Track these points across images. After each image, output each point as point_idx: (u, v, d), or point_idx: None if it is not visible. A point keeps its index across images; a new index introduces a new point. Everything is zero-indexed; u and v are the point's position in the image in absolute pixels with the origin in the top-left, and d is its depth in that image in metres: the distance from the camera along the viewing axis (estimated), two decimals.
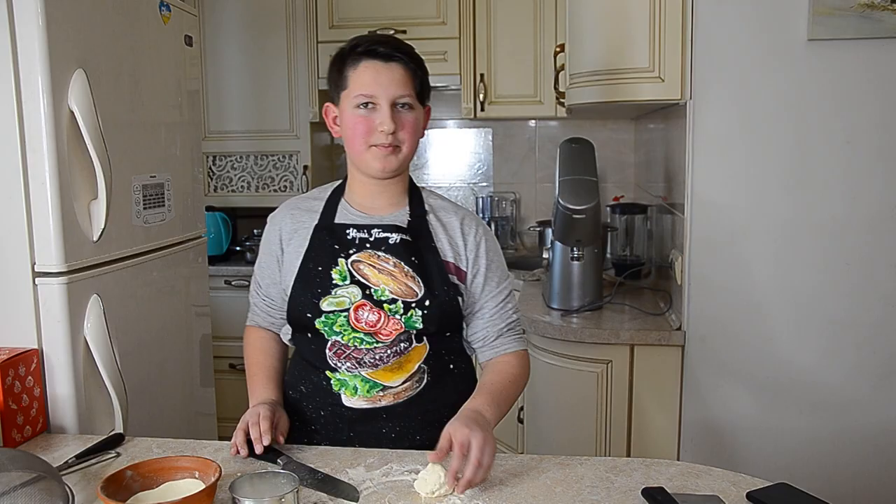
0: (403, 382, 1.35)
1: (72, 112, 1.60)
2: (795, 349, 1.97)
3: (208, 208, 3.05)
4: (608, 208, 2.96)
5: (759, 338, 1.98)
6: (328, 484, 1.19)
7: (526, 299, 2.51)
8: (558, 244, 2.34)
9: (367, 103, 1.31)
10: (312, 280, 1.34)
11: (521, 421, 2.50)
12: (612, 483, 1.21)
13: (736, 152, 1.96)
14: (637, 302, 2.38)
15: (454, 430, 1.17)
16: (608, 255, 2.91)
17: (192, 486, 1.14)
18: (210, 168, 3.56)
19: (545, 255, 2.45)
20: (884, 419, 1.94)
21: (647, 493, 1.15)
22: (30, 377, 1.50)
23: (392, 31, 3.28)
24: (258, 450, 1.26)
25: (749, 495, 1.15)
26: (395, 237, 1.36)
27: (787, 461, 1.99)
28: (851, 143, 1.89)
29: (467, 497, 1.16)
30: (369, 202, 1.40)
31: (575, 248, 2.31)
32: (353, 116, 1.32)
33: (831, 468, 1.97)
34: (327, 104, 1.40)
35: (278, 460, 1.27)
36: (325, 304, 1.33)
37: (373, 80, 1.30)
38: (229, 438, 1.36)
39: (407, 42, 1.37)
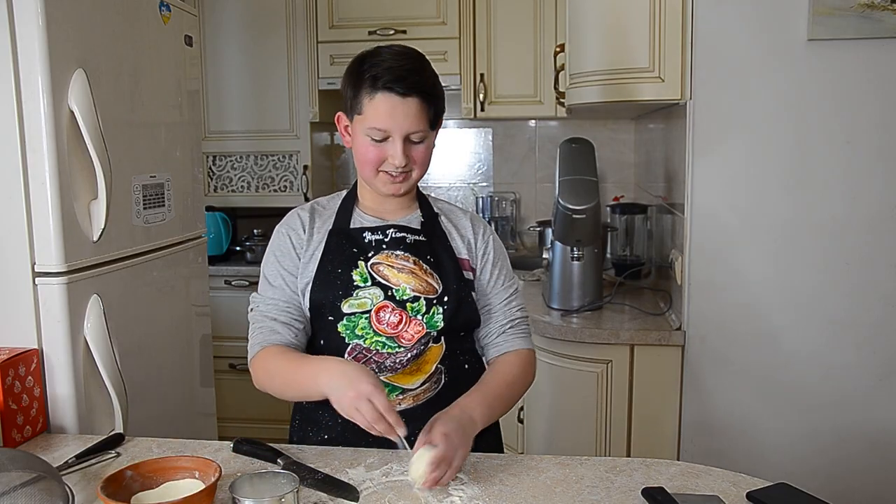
0: (422, 384, 1.34)
1: (72, 112, 1.60)
2: (795, 349, 1.97)
3: (208, 208, 3.05)
4: (608, 208, 2.96)
5: (759, 338, 1.98)
6: (328, 484, 1.18)
7: (526, 299, 2.48)
8: (558, 244, 2.34)
9: (380, 136, 1.30)
10: (332, 283, 1.33)
11: (521, 421, 2.50)
12: (611, 483, 1.21)
13: (736, 152, 1.96)
14: (637, 302, 2.38)
15: (437, 427, 1.17)
16: (608, 255, 2.91)
17: (192, 486, 1.14)
18: (210, 168, 3.56)
19: (545, 255, 2.45)
20: (884, 419, 1.94)
21: (647, 493, 1.15)
22: (30, 377, 1.50)
23: (392, 32, 3.28)
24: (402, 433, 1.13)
25: (749, 495, 1.15)
26: (410, 237, 1.38)
27: (787, 461, 1.99)
28: (851, 143, 1.89)
29: (467, 497, 1.16)
30: (381, 208, 1.42)
31: (575, 248, 2.31)
32: (366, 143, 1.31)
33: (831, 468, 1.97)
34: (340, 113, 1.39)
35: (278, 460, 1.27)
36: (346, 307, 1.32)
37: (388, 114, 1.28)
38: (229, 438, 1.37)
39: (415, 50, 1.34)
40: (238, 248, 3.54)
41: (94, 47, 1.70)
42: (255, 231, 3.48)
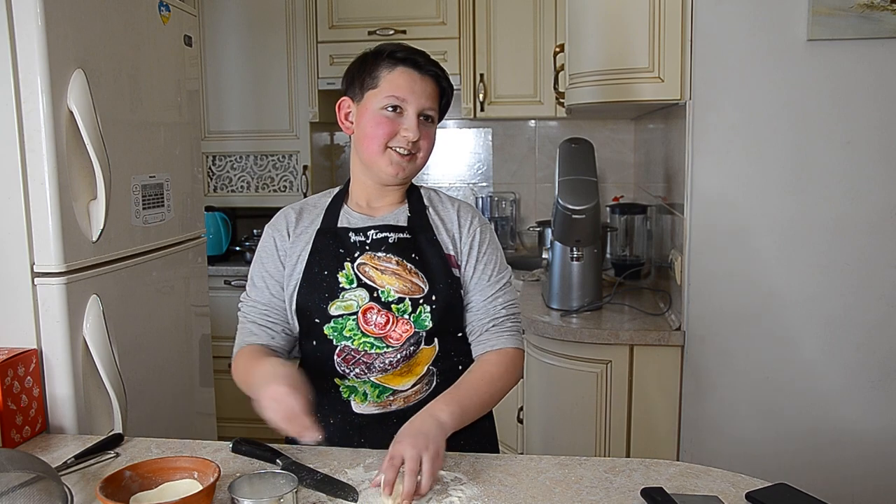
0: (413, 385, 1.34)
1: (71, 112, 1.60)
2: (795, 349, 1.97)
3: (208, 208, 3.05)
4: (608, 208, 2.96)
5: (758, 338, 1.98)
6: (327, 484, 1.18)
7: (525, 299, 2.51)
8: (558, 244, 2.34)
9: (395, 107, 1.31)
10: (319, 284, 1.33)
11: (520, 421, 2.50)
12: (611, 483, 1.21)
13: (736, 152, 1.96)
14: (637, 302, 2.38)
15: (395, 446, 1.14)
16: (608, 256, 2.91)
17: (191, 486, 1.14)
18: (210, 168, 3.56)
19: (545, 256, 2.45)
20: (883, 419, 1.94)
21: (646, 493, 1.15)
22: (29, 377, 1.50)
23: (392, 32, 3.29)
24: (311, 439, 1.13)
25: (748, 496, 1.15)
26: (393, 236, 1.36)
27: (787, 461, 1.99)
28: (851, 143, 1.89)
29: (466, 497, 1.16)
30: (370, 204, 1.41)
31: (574, 249, 2.31)
32: (378, 116, 1.32)
33: (831, 468, 1.97)
34: (343, 98, 1.39)
35: (277, 460, 1.26)
36: (333, 309, 1.32)
37: (407, 85, 1.32)
38: (228, 438, 1.37)
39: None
40: (237, 248, 3.54)
41: (93, 47, 1.70)
42: (254, 231, 3.48)
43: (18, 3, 1.52)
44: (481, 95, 3.33)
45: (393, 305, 1.32)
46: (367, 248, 1.35)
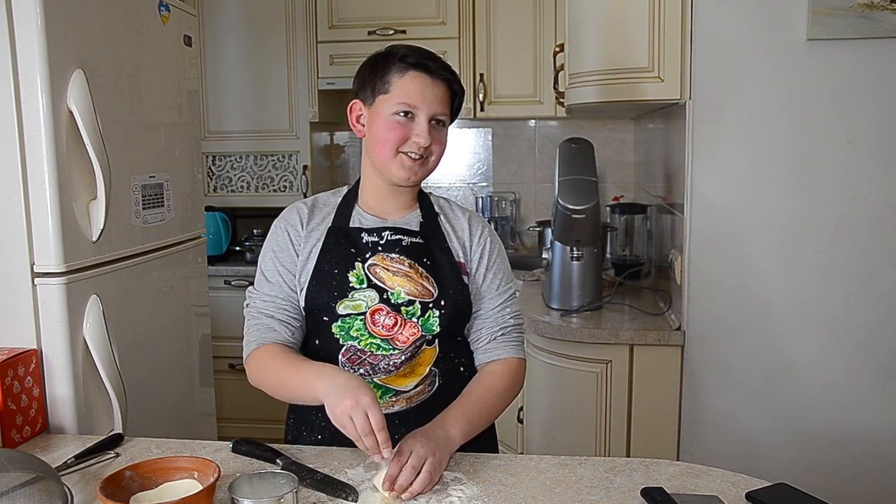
0: (416, 386, 1.34)
1: (71, 112, 1.60)
2: (795, 349, 1.97)
3: (208, 208, 3.05)
4: (608, 208, 2.96)
5: (758, 338, 1.98)
6: (327, 484, 1.18)
7: (526, 299, 2.51)
8: (558, 244, 2.34)
9: (407, 112, 1.31)
10: (328, 283, 1.33)
11: (520, 421, 2.50)
12: (611, 483, 1.21)
13: (736, 152, 1.96)
14: (637, 302, 2.38)
15: (406, 441, 1.19)
16: (608, 255, 2.91)
17: (191, 486, 1.14)
18: (210, 168, 3.56)
19: (545, 255, 2.45)
20: (883, 419, 1.94)
21: (646, 493, 1.15)
22: (29, 377, 1.50)
23: (392, 32, 3.29)
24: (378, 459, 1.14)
25: (748, 495, 1.15)
26: (406, 240, 1.37)
27: (787, 461, 1.99)
28: (851, 143, 1.89)
29: (466, 497, 1.16)
30: (381, 206, 1.41)
31: (574, 248, 2.31)
32: (390, 121, 1.32)
33: (830, 468, 1.97)
34: (355, 101, 1.39)
35: (277, 460, 1.26)
36: (342, 308, 1.32)
37: (418, 91, 1.31)
38: (228, 439, 1.37)
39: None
40: (237, 248, 3.54)
41: (93, 47, 1.70)
42: (254, 231, 3.48)
43: (18, 3, 1.52)
44: (481, 95, 3.33)
45: (402, 308, 1.32)
46: (380, 248, 1.35)
